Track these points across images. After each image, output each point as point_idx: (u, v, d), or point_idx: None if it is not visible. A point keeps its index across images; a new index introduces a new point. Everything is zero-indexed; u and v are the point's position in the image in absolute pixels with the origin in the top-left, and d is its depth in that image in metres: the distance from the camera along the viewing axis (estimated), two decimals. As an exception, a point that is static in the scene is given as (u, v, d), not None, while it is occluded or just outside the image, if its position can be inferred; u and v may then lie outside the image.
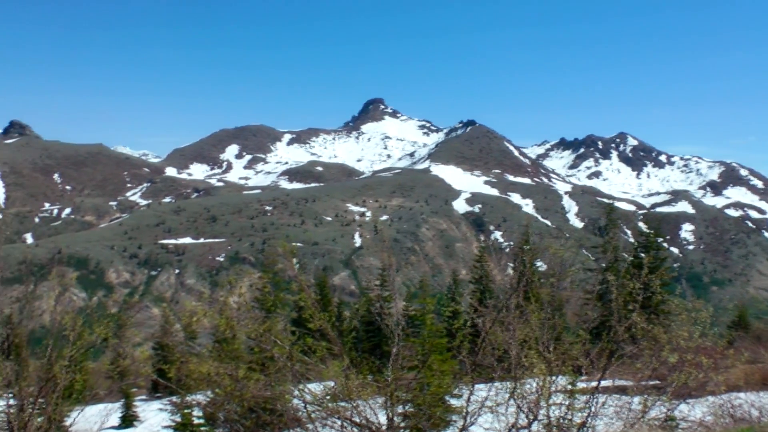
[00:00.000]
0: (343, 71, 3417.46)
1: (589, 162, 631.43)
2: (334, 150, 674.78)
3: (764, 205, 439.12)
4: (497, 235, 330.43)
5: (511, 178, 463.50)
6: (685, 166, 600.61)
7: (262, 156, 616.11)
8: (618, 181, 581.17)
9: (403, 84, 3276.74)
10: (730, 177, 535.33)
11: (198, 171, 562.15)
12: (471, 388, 11.61)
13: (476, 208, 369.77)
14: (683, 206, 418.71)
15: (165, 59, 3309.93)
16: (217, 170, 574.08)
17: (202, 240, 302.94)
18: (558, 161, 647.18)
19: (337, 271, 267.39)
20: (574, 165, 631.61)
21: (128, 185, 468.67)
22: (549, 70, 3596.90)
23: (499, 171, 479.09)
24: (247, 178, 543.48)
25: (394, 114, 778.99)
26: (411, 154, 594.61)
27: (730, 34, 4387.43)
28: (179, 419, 23.58)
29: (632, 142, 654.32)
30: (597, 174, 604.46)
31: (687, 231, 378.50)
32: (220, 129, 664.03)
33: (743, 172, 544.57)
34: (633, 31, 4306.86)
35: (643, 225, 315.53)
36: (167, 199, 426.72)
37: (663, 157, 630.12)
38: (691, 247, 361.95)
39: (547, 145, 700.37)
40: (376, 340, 41.86)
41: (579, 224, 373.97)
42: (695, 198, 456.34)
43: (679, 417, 12.30)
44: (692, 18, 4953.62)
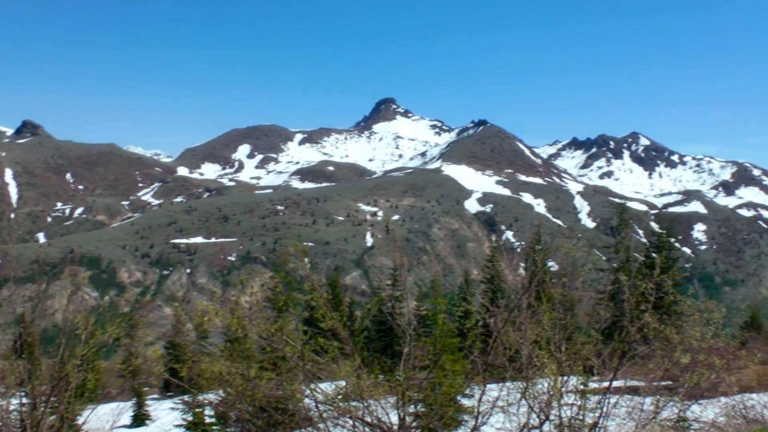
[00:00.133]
0: (355, 71, 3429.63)
1: (601, 162, 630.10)
2: (346, 150, 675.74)
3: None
4: (509, 235, 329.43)
5: (522, 177, 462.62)
6: (698, 166, 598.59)
7: (274, 156, 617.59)
8: (630, 181, 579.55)
9: (415, 84, 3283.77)
10: (743, 177, 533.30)
11: (210, 171, 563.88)
12: (482, 388, 11.58)
13: (488, 208, 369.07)
14: (695, 206, 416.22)
15: (177, 60, 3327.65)
16: (228, 170, 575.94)
17: (213, 239, 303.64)
18: (570, 161, 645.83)
19: (349, 271, 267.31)
20: (585, 165, 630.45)
21: (140, 185, 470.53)
22: (561, 70, 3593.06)
23: (510, 171, 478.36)
24: (258, 178, 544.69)
25: (405, 114, 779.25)
26: (422, 154, 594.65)
27: (743, 33, 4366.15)
28: (191, 418, 23.65)
29: (644, 141, 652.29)
30: (609, 174, 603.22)
31: (699, 231, 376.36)
32: (231, 129, 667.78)
33: (756, 172, 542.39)
34: (645, 30, 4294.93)
35: (655, 225, 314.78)
36: (179, 199, 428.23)
37: (675, 157, 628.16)
38: (703, 248, 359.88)
39: (559, 145, 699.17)
40: (388, 340, 41.85)
41: (591, 224, 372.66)
42: (707, 198, 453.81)
43: (692, 418, 12.28)
44: (705, 17, 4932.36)
